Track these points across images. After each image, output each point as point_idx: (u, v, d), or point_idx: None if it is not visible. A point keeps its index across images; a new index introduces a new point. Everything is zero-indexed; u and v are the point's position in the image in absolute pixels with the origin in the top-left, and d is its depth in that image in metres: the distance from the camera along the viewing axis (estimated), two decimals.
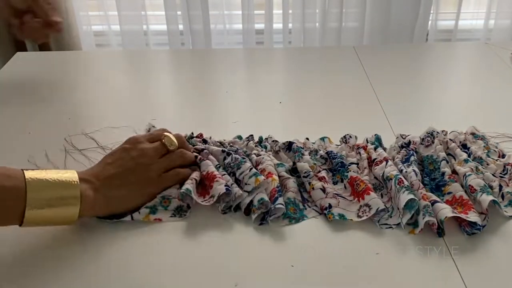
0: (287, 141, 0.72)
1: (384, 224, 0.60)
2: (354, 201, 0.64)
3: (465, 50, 1.25)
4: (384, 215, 0.61)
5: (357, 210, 0.62)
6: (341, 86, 0.99)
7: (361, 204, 0.63)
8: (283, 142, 0.72)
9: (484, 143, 0.74)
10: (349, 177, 0.66)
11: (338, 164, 0.68)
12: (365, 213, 0.61)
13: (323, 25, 1.95)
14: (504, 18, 1.99)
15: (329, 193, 0.64)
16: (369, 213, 0.61)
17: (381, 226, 0.60)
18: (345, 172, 0.67)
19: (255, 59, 1.18)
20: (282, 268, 0.55)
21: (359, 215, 0.62)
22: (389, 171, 0.64)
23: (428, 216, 0.58)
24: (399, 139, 0.73)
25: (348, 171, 0.67)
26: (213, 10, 1.94)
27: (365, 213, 0.61)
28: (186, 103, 0.95)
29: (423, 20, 1.93)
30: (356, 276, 0.54)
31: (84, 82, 1.01)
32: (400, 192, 0.60)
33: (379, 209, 0.60)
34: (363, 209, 0.62)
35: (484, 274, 0.54)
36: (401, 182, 0.62)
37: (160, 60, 1.17)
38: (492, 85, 0.98)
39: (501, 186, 0.65)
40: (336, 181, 0.67)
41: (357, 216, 0.61)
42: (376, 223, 0.61)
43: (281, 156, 0.71)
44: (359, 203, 0.63)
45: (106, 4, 1.94)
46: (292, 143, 0.71)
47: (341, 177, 0.67)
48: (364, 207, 0.62)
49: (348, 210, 0.63)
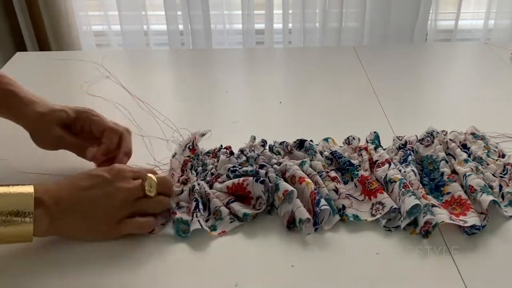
0: (297, 139, 0.71)
1: (384, 226, 0.60)
2: (365, 200, 0.64)
3: (465, 50, 1.25)
4: (395, 215, 0.61)
5: (370, 208, 0.62)
6: (341, 86, 0.99)
7: (373, 202, 0.62)
8: (294, 141, 0.71)
9: (484, 143, 0.74)
10: (360, 175, 0.66)
11: (346, 163, 0.68)
12: (379, 211, 0.61)
13: (323, 25, 1.95)
14: (504, 18, 1.99)
15: (342, 194, 0.64)
16: (382, 211, 0.60)
17: (385, 227, 0.60)
18: (354, 170, 0.67)
19: (255, 59, 1.18)
20: (282, 268, 0.55)
21: (372, 213, 0.61)
22: (392, 174, 0.64)
23: (429, 214, 0.58)
24: (396, 141, 0.74)
25: (358, 170, 0.67)
26: (213, 10, 1.94)
27: (379, 211, 0.61)
28: (186, 103, 0.95)
29: (422, 20, 1.93)
30: (356, 276, 0.54)
31: (84, 83, 1.01)
32: (406, 195, 0.60)
33: (392, 207, 0.60)
34: (376, 207, 0.62)
35: (484, 274, 0.54)
36: (406, 186, 0.62)
37: (160, 60, 1.17)
38: (492, 85, 0.98)
39: (501, 186, 0.65)
40: (346, 180, 0.67)
41: (371, 215, 0.61)
42: (380, 223, 0.60)
43: (295, 154, 0.71)
44: (371, 201, 0.63)
45: (106, 4, 1.94)
46: (303, 140, 0.71)
47: (351, 176, 0.67)
48: (377, 205, 0.62)
49: (361, 210, 0.62)
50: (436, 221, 0.58)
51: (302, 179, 0.63)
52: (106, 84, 1.00)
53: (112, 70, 1.07)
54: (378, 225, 0.60)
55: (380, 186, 0.64)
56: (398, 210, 0.60)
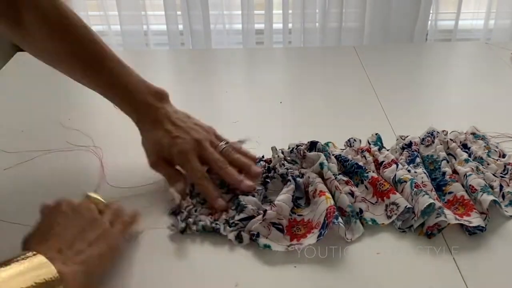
0: (308, 142, 0.69)
1: (399, 228, 0.60)
2: (378, 202, 0.63)
3: (465, 50, 1.25)
4: (409, 216, 0.60)
5: (384, 210, 0.62)
6: (341, 86, 0.99)
7: (386, 203, 0.62)
8: (305, 144, 0.69)
9: (485, 143, 0.74)
10: (370, 177, 0.65)
11: (353, 166, 0.67)
12: (393, 211, 0.60)
13: (323, 25, 1.95)
14: (504, 18, 1.99)
15: (358, 197, 0.63)
16: (397, 211, 0.60)
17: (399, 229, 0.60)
18: (364, 173, 0.66)
19: (255, 59, 1.18)
20: (283, 268, 0.55)
21: (388, 215, 0.61)
22: (401, 174, 0.64)
23: (443, 216, 0.58)
24: (399, 140, 0.73)
25: (367, 172, 0.66)
26: (213, 10, 1.94)
27: (394, 212, 0.60)
28: (186, 103, 0.95)
29: (423, 20, 1.93)
30: (357, 276, 0.54)
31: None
32: (419, 195, 0.60)
33: (407, 207, 0.59)
34: (391, 208, 0.61)
35: (485, 273, 0.54)
36: (418, 186, 0.61)
37: (160, 60, 1.17)
38: (492, 85, 0.98)
39: (502, 186, 0.65)
40: (356, 183, 0.66)
41: (387, 217, 0.61)
42: (395, 225, 0.60)
43: (309, 157, 0.68)
44: (384, 203, 0.62)
45: (106, 4, 1.94)
46: (315, 142, 0.69)
47: (360, 179, 0.66)
48: (391, 206, 0.61)
49: (377, 214, 0.62)
50: (445, 224, 0.58)
51: (322, 193, 0.61)
52: None
53: None
54: (378, 224, 0.60)
55: (392, 187, 0.63)
56: (412, 209, 0.60)
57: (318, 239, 0.57)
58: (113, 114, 0.89)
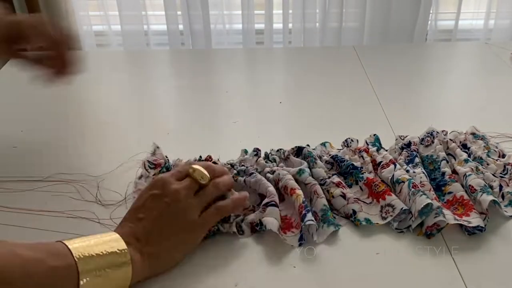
0: (295, 146, 0.70)
1: (396, 228, 0.60)
2: (373, 202, 0.63)
3: (465, 50, 1.25)
4: (406, 217, 0.60)
5: (379, 211, 0.61)
6: (341, 86, 0.99)
7: (381, 204, 0.62)
8: (292, 148, 0.70)
9: (484, 143, 0.74)
10: (366, 178, 0.65)
11: (349, 166, 0.67)
12: (389, 213, 0.60)
13: (323, 25, 1.95)
14: (504, 18, 1.99)
15: (350, 199, 0.63)
16: (393, 213, 0.60)
17: (397, 229, 0.60)
18: (359, 173, 0.66)
19: (255, 59, 1.18)
20: (282, 268, 0.55)
21: (383, 216, 0.61)
22: (400, 175, 0.64)
23: (441, 216, 0.58)
24: (399, 140, 0.73)
25: (362, 173, 0.66)
26: (213, 10, 1.94)
27: (389, 213, 0.60)
28: (186, 103, 0.95)
29: (423, 20, 1.93)
30: (356, 276, 0.54)
31: (84, 82, 1.01)
32: (417, 195, 0.60)
33: (402, 209, 0.59)
34: (386, 209, 0.61)
35: (484, 274, 0.54)
36: (416, 186, 0.61)
37: (160, 60, 1.17)
38: (492, 85, 0.98)
39: (501, 186, 0.65)
40: (349, 184, 0.66)
41: (382, 218, 0.61)
42: (392, 226, 0.60)
43: (292, 161, 0.68)
44: (379, 204, 0.62)
45: (106, 4, 1.94)
46: (301, 148, 0.69)
47: (355, 179, 0.66)
48: (387, 207, 0.61)
49: (371, 213, 0.62)
50: (444, 224, 0.58)
51: (293, 190, 0.62)
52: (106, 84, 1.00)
53: (112, 70, 1.07)
54: (372, 224, 0.60)
55: (388, 188, 0.63)
56: (409, 210, 0.60)
57: (300, 242, 0.57)
58: (115, 113, 0.89)
